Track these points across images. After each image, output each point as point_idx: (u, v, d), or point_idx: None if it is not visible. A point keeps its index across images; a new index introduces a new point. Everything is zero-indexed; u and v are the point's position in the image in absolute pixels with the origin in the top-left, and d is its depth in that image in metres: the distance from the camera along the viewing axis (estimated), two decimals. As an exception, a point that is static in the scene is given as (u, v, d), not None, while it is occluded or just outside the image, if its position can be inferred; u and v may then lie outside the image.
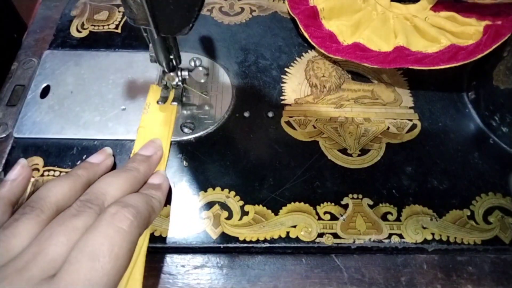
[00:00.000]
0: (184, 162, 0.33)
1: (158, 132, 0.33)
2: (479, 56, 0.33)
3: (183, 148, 0.34)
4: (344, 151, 0.34)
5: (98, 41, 0.40)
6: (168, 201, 0.31)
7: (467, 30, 0.35)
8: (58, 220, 0.23)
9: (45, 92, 0.36)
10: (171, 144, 0.34)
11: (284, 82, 0.38)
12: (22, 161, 0.29)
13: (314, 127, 0.35)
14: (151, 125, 0.34)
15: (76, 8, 0.43)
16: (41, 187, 0.25)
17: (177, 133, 0.34)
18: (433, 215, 0.31)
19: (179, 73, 0.33)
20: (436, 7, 0.39)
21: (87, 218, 0.23)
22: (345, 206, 0.31)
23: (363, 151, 0.34)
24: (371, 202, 0.31)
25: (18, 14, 0.53)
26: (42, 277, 0.20)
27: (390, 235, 0.30)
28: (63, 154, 0.33)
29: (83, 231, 0.22)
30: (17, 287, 0.20)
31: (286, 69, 0.39)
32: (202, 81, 0.33)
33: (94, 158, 0.30)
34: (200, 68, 0.32)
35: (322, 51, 0.38)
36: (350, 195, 0.31)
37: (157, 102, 0.34)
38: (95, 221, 0.22)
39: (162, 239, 0.29)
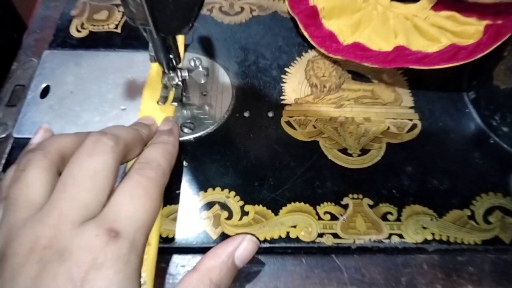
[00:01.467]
0: (184, 162, 0.33)
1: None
2: (480, 55, 0.33)
3: (183, 148, 0.34)
4: (344, 151, 0.34)
5: (98, 41, 0.40)
6: (168, 201, 0.31)
7: (468, 30, 0.35)
8: (75, 162, 0.22)
9: (45, 92, 0.36)
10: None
11: (284, 82, 0.38)
12: (44, 126, 0.28)
13: (314, 127, 0.35)
14: None
15: (75, 8, 0.43)
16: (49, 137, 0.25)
17: (177, 133, 0.34)
18: (433, 215, 0.31)
19: (179, 73, 0.33)
20: (436, 7, 0.39)
21: (103, 157, 0.22)
22: (345, 206, 0.31)
23: (363, 151, 0.34)
24: (371, 202, 0.31)
25: (18, 14, 0.52)
26: (83, 219, 0.20)
27: (390, 235, 0.30)
28: (63, 154, 0.33)
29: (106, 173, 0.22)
30: (63, 229, 0.19)
31: (286, 69, 0.39)
32: (202, 81, 0.33)
33: (145, 120, 0.30)
34: (200, 68, 0.32)
35: (322, 50, 0.38)
36: (350, 195, 0.31)
37: (157, 102, 0.33)
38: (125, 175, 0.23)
39: (162, 239, 0.29)
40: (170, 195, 0.31)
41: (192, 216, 0.30)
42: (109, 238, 0.20)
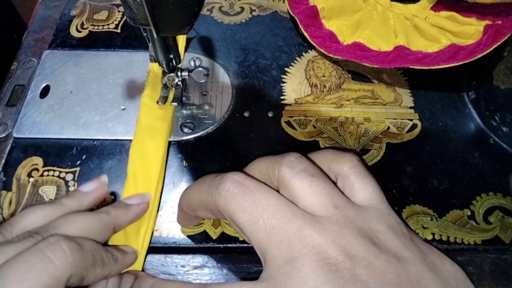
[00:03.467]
0: (184, 162, 0.33)
1: (155, 132, 0.33)
2: (480, 55, 0.33)
3: (183, 148, 0.34)
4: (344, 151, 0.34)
5: (97, 41, 0.40)
6: (167, 201, 0.31)
7: (467, 30, 0.35)
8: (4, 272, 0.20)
9: (44, 92, 0.36)
10: (169, 143, 0.34)
11: (284, 82, 0.38)
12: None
13: (314, 127, 0.35)
14: (149, 125, 0.33)
15: (75, 8, 0.43)
16: (56, 220, 0.24)
17: (177, 133, 0.34)
18: (433, 215, 0.31)
19: (179, 73, 0.33)
20: (436, 7, 0.39)
21: (22, 246, 0.21)
22: (345, 206, 0.31)
23: (363, 151, 0.34)
24: (371, 202, 0.31)
25: (18, 14, 0.53)
26: None
27: (390, 235, 0.30)
28: (62, 154, 0.33)
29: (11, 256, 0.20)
30: None
31: (286, 69, 0.39)
32: (202, 81, 0.33)
33: (85, 187, 0.27)
34: (200, 68, 0.32)
35: (322, 50, 0.38)
36: (350, 195, 0.31)
37: (157, 102, 0.33)
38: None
39: (162, 239, 0.29)
40: (171, 195, 0.31)
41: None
42: None
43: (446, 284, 0.20)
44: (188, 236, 0.29)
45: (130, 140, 0.33)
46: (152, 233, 0.29)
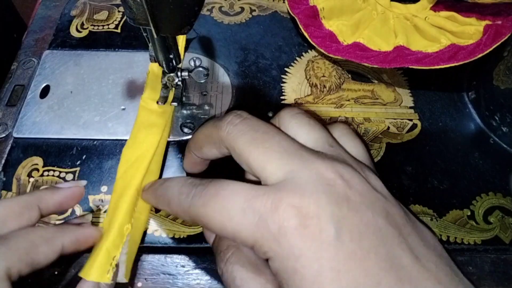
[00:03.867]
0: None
1: (151, 126, 0.33)
2: (479, 55, 0.33)
3: (183, 148, 0.34)
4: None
5: (97, 41, 0.40)
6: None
7: (467, 30, 0.35)
8: None
9: (44, 92, 0.36)
10: (169, 143, 0.34)
11: (284, 82, 0.38)
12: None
13: (314, 127, 0.35)
14: (148, 125, 0.33)
15: (75, 8, 0.43)
16: None
17: (177, 133, 0.34)
18: (433, 215, 0.31)
19: (178, 73, 0.33)
20: (436, 7, 0.39)
21: None
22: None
23: (363, 151, 0.34)
24: (371, 202, 0.31)
25: (18, 14, 0.53)
26: None
27: (390, 235, 0.30)
28: (62, 154, 0.33)
29: None
30: None
31: (286, 69, 0.39)
32: (202, 81, 0.33)
33: (60, 184, 0.27)
34: (200, 68, 0.32)
35: (322, 51, 0.38)
36: (350, 195, 0.31)
37: (157, 102, 0.33)
38: None
39: (162, 239, 0.29)
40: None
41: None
42: None
43: (424, 239, 0.21)
44: (188, 236, 0.29)
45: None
46: (146, 230, 0.29)
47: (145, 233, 0.29)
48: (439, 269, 0.19)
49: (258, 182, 0.21)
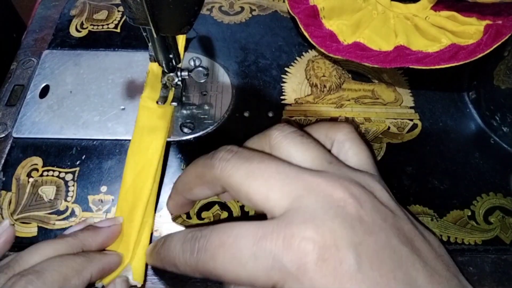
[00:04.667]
0: (182, 164, 0.33)
1: (154, 131, 0.33)
2: (480, 55, 0.33)
3: (183, 148, 0.34)
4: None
5: (97, 41, 0.40)
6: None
7: (468, 30, 0.35)
8: None
9: (44, 92, 0.36)
10: (169, 143, 0.34)
11: (284, 82, 0.38)
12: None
13: (314, 127, 0.35)
14: (147, 125, 0.33)
15: (75, 8, 0.43)
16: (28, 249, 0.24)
17: (176, 133, 0.34)
18: (433, 215, 0.31)
19: (178, 73, 0.33)
20: (436, 7, 0.39)
21: None
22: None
23: (364, 151, 0.34)
24: (371, 202, 0.31)
25: (18, 14, 0.52)
26: None
27: (390, 236, 0.30)
28: (62, 154, 0.33)
29: None
30: None
31: (286, 68, 0.39)
32: (202, 81, 0.33)
33: (99, 223, 0.28)
34: (200, 68, 0.32)
35: (323, 50, 0.38)
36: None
37: (157, 102, 0.33)
38: None
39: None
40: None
41: (192, 217, 0.30)
42: None
43: (433, 249, 0.21)
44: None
45: (130, 140, 0.33)
46: (152, 233, 0.29)
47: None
48: (449, 282, 0.19)
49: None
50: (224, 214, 0.30)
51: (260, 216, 0.20)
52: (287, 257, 0.17)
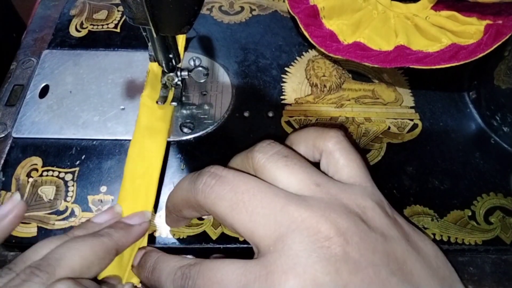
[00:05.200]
0: (182, 165, 0.33)
1: (155, 132, 0.33)
2: (480, 55, 0.33)
3: (183, 148, 0.34)
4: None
5: (97, 41, 0.40)
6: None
7: (468, 30, 0.35)
8: None
9: (44, 92, 0.36)
10: (169, 143, 0.33)
11: (284, 82, 0.38)
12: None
13: (314, 127, 0.35)
14: (148, 126, 0.33)
15: (75, 8, 0.43)
16: (57, 248, 0.23)
17: (176, 133, 0.34)
18: (434, 216, 0.31)
19: (178, 72, 0.33)
20: (436, 6, 0.39)
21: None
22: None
23: (364, 151, 0.34)
24: (371, 203, 0.31)
25: (17, 14, 0.52)
26: None
27: (390, 236, 0.30)
28: (62, 154, 0.33)
29: None
30: None
31: (286, 68, 0.39)
32: (202, 80, 0.33)
33: (99, 218, 0.27)
34: (200, 68, 0.32)
35: (323, 50, 0.38)
36: (351, 195, 0.31)
37: (157, 102, 0.33)
38: None
39: (162, 239, 0.29)
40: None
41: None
42: None
43: (428, 264, 0.20)
44: (188, 237, 0.29)
45: (130, 140, 0.33)
46: (152, 233, 0.29)
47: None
48: None
49: None
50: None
51: None
52: None
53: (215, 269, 0.19)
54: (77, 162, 0.32)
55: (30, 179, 0.31)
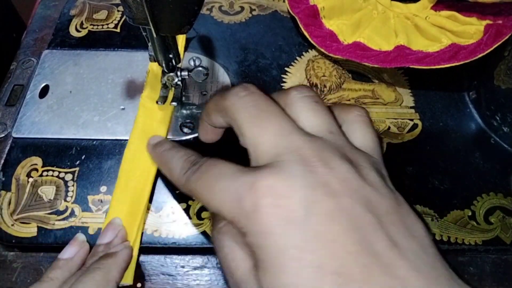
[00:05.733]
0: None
1: (153, 133, 0.33)
2: (480, 55, 0.33)
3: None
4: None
5: (97, 41, 0.40)
6: (167, 201, 0.31)
7: (468, 30, 0.35)
8: None
9: (44, 92, 0.36)
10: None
11: (284, 82, 0.38)
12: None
13: (314, 127, 0.35)
14: (146, 127, 0.33)
15: (75, 8, 0.43)
16: None
17: (176, 133, 0.34)
18: (434, 216, 0.31)
19: (178, 72, 0.33)
20: (436, 6, 0.39)
21: None
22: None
23: (364, 151, 0.34)
24: (371, 202, 0.31)
25: (17, 14, 0.52)
26: None
27: (390, 236, 0.30)
28: (62, 154, 0.33)
29: None
30: None
31: (286, 68, 0.39)
32: (202, 80, 0.33)
33: (67, 253, 0.28)
34: (200, 68, 0.32)
35: (323, 50, 0.38)
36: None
37: (157, 102, 0.33)
38: None
39: (162, 239, 0.29)
40: (171, 195, 0.31)
41: (192, 217, 0.30)
42: None
43: (409, 230, 0.20)
44: (188, 237, 0.29)
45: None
46: (142, 233, 0.29)
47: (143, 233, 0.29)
48: (418, 258, 0.18)
49: None
50: (224, 214, 0.30)
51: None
52: (247, 197, 0.19)
53: (217, 163, 0.22)
54: (77, 162, 0.32)
55: (30, 179, 0.31)
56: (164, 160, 0.27)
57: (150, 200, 0.31)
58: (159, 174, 0.31)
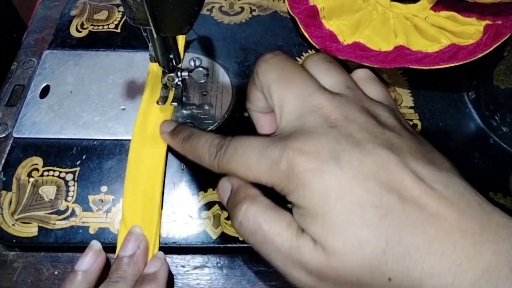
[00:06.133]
0: (182, 165, 0.33)
1: (156, 135, 0.33)
2: (480, 55, 0.33)
3: (183, 148, 0.34)
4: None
5: (97, 41, 0.40)
6: (167, 201, 0.31)
7: (468, 30, 0.35)
8: None
9: (44, 92, 0.36)
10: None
11: (284, 82, 0.38)
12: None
13: (314, 127, 0.35)
14: (148, 125, 0.33)
15: (75, 8, 0.43)
16: None
17: (177, 133, 0.34)
18: (433, 215, 0.31)
19: (178, 73, 0.33)
20: (436, 7, 0.39)
21: None
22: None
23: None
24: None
25: (18, 14, 0.53)
26: None
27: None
28: (62, 154, 0.33)
29: None
30: None
31: (286, 69, 0.39)
32: (202, 81, 0.33)
33: (84, 264, 0.27)
34: (200, 68, 0.32)
35: (322, 50, 0.38)
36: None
37: (157, 102, 0.33)
38: None
39: (162, 239, 0.29)
40: (171, 195, 0.31)
41: (192, 216, 0.30)
42: None
43: (433, 164, 0.21)
44: (188, 236, 0.29)
45: (130, 140, 0.33)
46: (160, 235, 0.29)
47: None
48: (447, 188, 0.20)
49: None
50: (224, 214, 0.30)
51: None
52: (281, 161, 0.21)
53: (243, 140, 0.24)
54: (78, 162, 0.32)
55: (31, 179, 0.31)
56: (188, 150, 0.28)
57: (162, 202, 0.31)
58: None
